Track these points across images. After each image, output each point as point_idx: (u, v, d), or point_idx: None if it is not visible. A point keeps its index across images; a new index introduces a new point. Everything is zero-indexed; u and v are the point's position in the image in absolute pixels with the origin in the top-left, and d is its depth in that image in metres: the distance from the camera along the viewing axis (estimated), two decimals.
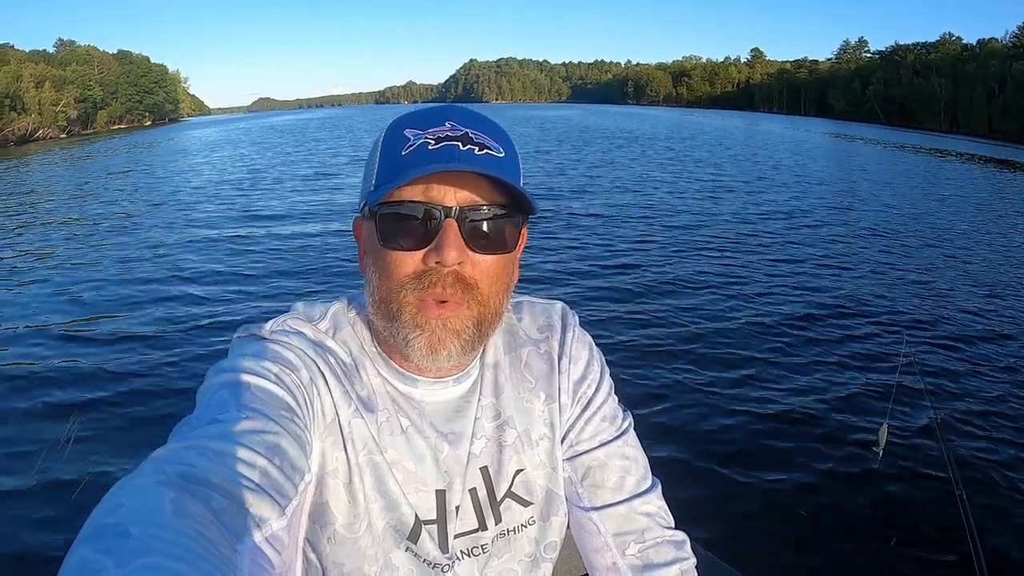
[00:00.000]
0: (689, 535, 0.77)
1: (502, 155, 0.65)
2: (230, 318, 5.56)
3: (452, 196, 0.62)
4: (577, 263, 7.30)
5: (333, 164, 19.57)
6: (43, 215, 11.66)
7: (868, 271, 7.22)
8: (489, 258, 0.65)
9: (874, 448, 3.05)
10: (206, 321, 5.52)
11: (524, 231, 0.69)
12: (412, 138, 0.64)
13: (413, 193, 0.62)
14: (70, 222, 10.74)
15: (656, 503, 0.76)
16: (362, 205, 0.68)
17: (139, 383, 4.29)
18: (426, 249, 0.63)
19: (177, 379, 4.34)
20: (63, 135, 57.81)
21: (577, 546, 0.79)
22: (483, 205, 0.63)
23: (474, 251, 0.63)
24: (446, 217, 0.62)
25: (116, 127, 73.78)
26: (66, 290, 6.60)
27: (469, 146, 0.63)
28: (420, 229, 0.63)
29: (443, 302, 0.63)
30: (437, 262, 0.62)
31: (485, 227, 0.64)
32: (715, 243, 8.32)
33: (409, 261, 0.63)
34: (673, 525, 0.77)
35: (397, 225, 0.63)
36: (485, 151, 0.63)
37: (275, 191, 13.76)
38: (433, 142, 0.62)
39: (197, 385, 0.62)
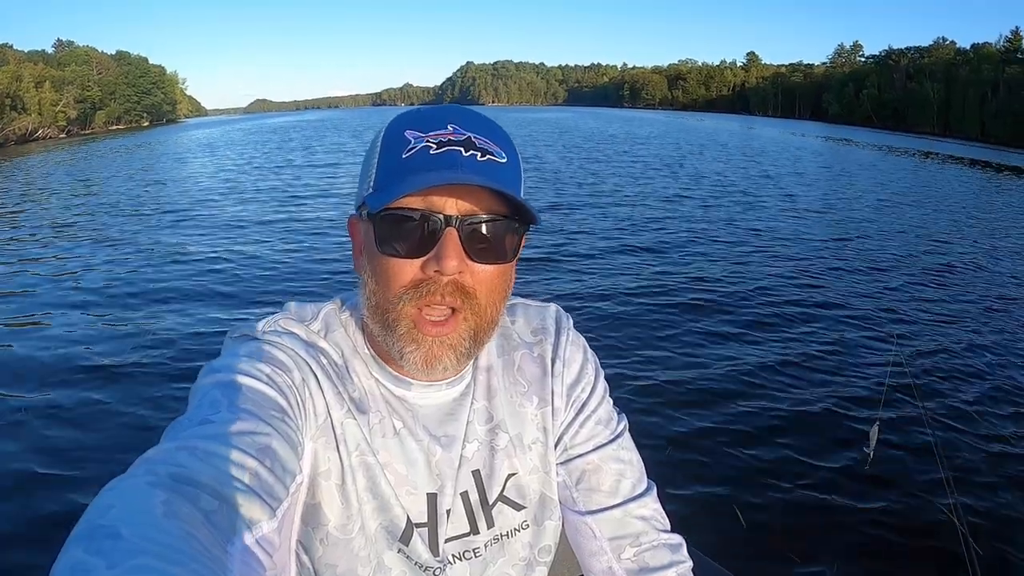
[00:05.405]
0: (685, 538, 0.76)
1: (504, 160, 0.63)
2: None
3: (453, 205, 0.61)
4: (573, 261, 7.30)
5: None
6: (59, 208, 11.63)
7: (858, 273, 7.24)
8: (489, 267, 0.63)
9: (865, 449, 3.07)
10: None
11: (523, 239, 0.68)
12: (413, 140, 0.62)
13: (413, 200, 0.60)
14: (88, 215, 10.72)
15: (652, 506, 0.75)
16: (359, 205, 0.66)
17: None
18: (425, 257, 0.61)
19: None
20: (62, 135, 57.60)
21: (573, 550, 0.79)
22: (484, 214, 0.62)
23: (474, 260, 0.62)
24: (446, 226, 0.60)
25: (114, 128, 73.41)
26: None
27: (471, 152, 0.61)
28: (419, 237, 0.61)
29: (441, 322, 0.63)
30: (436, 271, 0.61)
31: (485, 236, 0.62)
32: (707, 247, 8.32)
33: (408, 269, 0.62)
34: (669, 528, 0.76)
35: (395, 231, 0.61)
36: (488, 157, 0.62)
37: (270, 191, 13.74)
38: (435, 146, 0.61)
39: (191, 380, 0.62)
